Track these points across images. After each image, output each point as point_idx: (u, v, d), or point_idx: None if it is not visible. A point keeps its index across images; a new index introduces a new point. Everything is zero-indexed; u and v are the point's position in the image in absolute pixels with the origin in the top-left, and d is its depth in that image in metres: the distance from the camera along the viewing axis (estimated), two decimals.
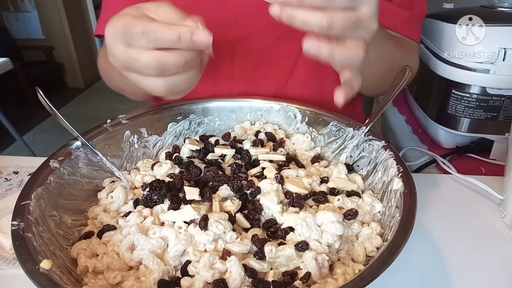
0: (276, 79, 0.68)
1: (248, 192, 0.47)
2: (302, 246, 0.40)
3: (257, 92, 0.67)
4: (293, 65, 0.67)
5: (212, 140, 0.58)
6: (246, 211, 0.45)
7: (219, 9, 0.63)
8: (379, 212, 0.47)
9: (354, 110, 0.76)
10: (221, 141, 0.59)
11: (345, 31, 0.37)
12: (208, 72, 0.68)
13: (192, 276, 0.39)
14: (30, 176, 0.46)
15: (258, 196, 0.46)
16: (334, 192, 0.49)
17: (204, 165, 0.53)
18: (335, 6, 0.35)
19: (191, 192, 0.45)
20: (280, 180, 0.48)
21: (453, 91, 0.75)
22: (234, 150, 0.55)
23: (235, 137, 0.59)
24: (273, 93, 0.69)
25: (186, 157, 0.57)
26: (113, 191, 0.49)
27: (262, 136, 0.59)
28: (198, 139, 0.61)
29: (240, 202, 0.46)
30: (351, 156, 0.55)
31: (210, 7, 0.63)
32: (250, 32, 0.64)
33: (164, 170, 0.52)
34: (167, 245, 0.41)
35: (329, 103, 0.59)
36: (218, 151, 0.55)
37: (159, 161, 0.57)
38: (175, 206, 0.44)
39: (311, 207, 0.47)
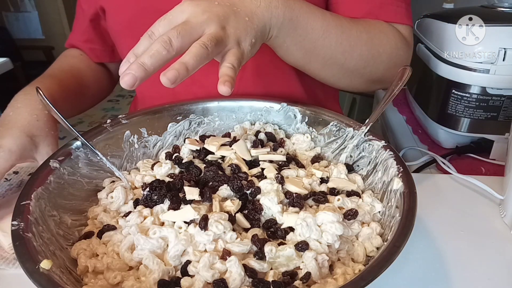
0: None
1: (248, 192, 0.47)
2: (302, 246, 0.40)
3: (206, 92, 0.67)
4: (243, 67, 0.67)
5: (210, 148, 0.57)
6: (246, 211, 0.45)
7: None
8: (379, 212, 0.47)
9: (327, 104, 0.76)
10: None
11: (184, 42, 0.42)
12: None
13: (192, 276, 0.39)
14: (30, 176, 0.46)
15: (258, 196, 0.46)
16: (334, 192, 0.49)
17: (204, 165, 0.53)
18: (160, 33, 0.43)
19: (191, 192, 0.45)
20: (281, 180, 0.48)
21: (453, 91, 0.75)
22: (234, 150, 0.55)
23: (235, 137, 0.59)
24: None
25: (186, 157, 0.57)
26: (113, 191, 0.49)
27: (262, 136, 0.59)
28: (198, 139, 0.61)
29: (240, 202, 0.46)
30: (351, 156, 0.55)
31: (163, 14, 0.65)
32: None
33: (164, 170, 0.52)
34: (167, 245, 0.41)
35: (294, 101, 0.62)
36: (218, 152, 0.55)
37: (159, 161, 0.57)
38: (175, 206, 0.44)
39: (311, 207, 0.47)
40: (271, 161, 0.53)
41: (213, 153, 0.55)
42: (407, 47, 0.65)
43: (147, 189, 0.47)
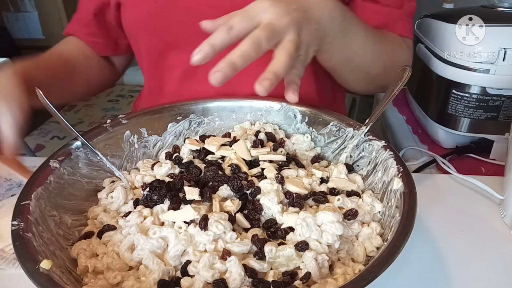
0: (250, 80, 0.68)
1: (248, 192, 0.47)
2: (302, 246, 0.40)
3: (231, 92, 0.67)
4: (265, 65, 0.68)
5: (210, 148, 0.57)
6: (246, 211, 0.45)
7: (196, 11, 0.64)
8: (379, 212, 0.47)
9: (335, 104, 0.78)
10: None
11: (270, 46, 0.43)
12: (183, 78, 0.71)
13: (192, 276, 0.39)
14: (30, 176, 0.46)
15: (258, 196, 0.46)
16: (334, 192, 0.49)
17: (204, 165, 0.53)
18: (243, 31, 0.43)
19: (191, 192, 0.45)
20: (281, 180, 0.48)
21: (453, 91, 0.75)
22: (234, 150, 0.55)
23: (235, 137, 0.59)
24: (248, 93, 0.69)
25: (186, 157, 0.57)
26: (113, 191, 0.49)
27: (262, 136, 0.59)
28: (198, 139, 0.61)
29: (240, 202, 0.46)
30: (351, 156, 0.55)
31: (183, 11, 0.64)
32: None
33: (164, 170, 0.52)
34: (167, 245, 0.41)
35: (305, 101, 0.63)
36: (218, 152, 0.55)
37: (159, 161, 0.57)
38: (175, 206, 0.44)
39: (311, 207, 0.47)
40: (271, 161, 0.53)
41: (213, 153, 0.55)
42: (412, 58, 0.70)
43: (147, 189, 0.47)
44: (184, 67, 0.70)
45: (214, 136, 0.62)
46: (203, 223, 0.41)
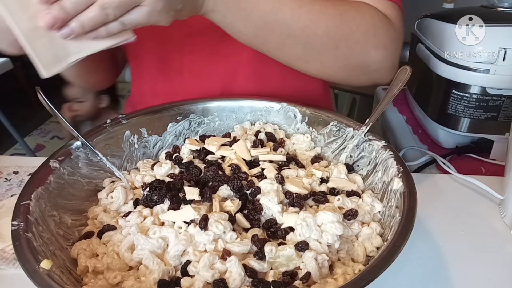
0: (222, 75, 0.69)
1: (248, 192, 0.47)
2: (302, 246, 0.40)
3: (205, 87, 0.68)
4: (238, 61, 0.68)
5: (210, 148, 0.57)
6: (246, 211, 0.45)
7: None
8: (379, 212, 0.47)
9: (326, 98, 0.76)
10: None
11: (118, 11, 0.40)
12: (160, 69, 0.70)
13: (192, 276, 0.39)
14: (30, 176, 0.46)
15: (258, 196, 0.46)
16: (334, 192, 0.49)
17: (204, 165, 0.53)
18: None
19: (191, 192, 0.45)
20: (281, 180, 0.48)
21: (453, 91, 0.75)
22: (234, 150, 0.55)
23: (235, 137, 0.59)
24: (220, 88, 0.69)
25: (186, 157, 0.57)
26: (113, 191, 0.49)
27: (262, 136, 0.59)
28: (198, 139, 0.61)
29: (240, 202, 0.46)
30: (351, 156, 0.55)
31: None
32: (196, 30, 0.64)
33: (164, 170, 0.52)
34: (167, 245, 0.41)
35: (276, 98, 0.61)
36: (218, 152, 0.55)
37: (159, 161, 0.57)
38: (175, 206, 0.44)
39: (311, 207, 0.47)
40: (271, 161, 0.53)
41: (213, 153, 0.55)
42: (389, 26, 0.56)
43: (147, 189, 0.47)
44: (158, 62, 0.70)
45: (214, 136, 0.62)
46: (203, 223, 0.41)
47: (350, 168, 0.54)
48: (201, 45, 0.67)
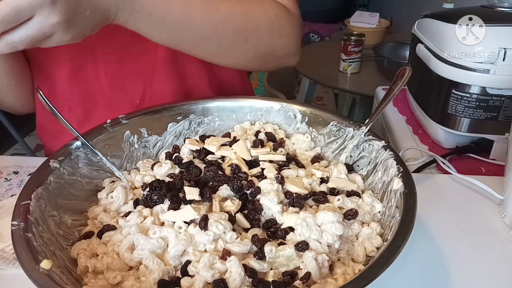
0: (141, 75, 0.69)
1: (248, 192, 0.47)
2: (302, 246, 0.40)
3: (126, 89, 0.68)
4: (154, 58, 0.68)
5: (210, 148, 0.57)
6: (246, 211, 0.45)
7: None
8: (379, 212, 0.47)
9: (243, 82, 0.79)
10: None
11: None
12: (74, 74, 0.68)
13: (192, 276, 0.39)
14: (30, 176, 0.46)
15: (258, 196, 0.46)
16: (334, 192, 0.49)
17: (204, 165, 0.53)
18: None
19: (191, 192, 0.45)
20: (281, 180, 0.48)
21: (453, 91, 0.75)
22: (234, 150, 0.55)
23: (235, 137, 0.59)
24: (142, 89, 0.69)
25: (186, 157, 0.57)
26: (113, 191, 0.49)
27: (262, 136, 0.59)
28: (198, 139, 0.61)
29: (240, 202, 0.46)
30: (351, 156, 0.55)
31: None
32: (105, 31, 0.58)
33: (164, 170, 0.52)
34: (167, 245, 0.41)
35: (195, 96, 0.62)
36: (218, 152, 0.55)
37: (159, 161, 0.57)
38: (175, 206, 0.44)
39: (311, 207, 0.47)
40: (271, 161, 0.53)
41: (213, 153, 0.55)
42: (289, 16, 0.64)
43: (147, 189, 0.47)
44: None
45: (214, 136, 0.62)
46: (203, 223, 0.41)
47: (350, 168, 0.54)
48: (113, 46, 0.66)
